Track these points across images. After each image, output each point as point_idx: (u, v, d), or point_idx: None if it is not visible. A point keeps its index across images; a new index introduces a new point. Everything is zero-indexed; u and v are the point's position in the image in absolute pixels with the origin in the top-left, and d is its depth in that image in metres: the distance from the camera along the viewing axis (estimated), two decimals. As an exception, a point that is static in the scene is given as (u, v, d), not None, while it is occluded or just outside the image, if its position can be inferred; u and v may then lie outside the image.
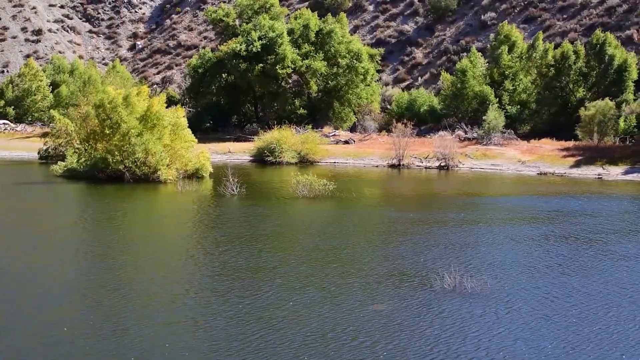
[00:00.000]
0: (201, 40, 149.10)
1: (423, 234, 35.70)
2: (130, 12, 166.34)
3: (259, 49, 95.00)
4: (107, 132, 56.35)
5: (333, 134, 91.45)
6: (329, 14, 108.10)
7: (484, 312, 22.66)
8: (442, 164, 73.11)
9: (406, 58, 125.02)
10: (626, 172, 65.89)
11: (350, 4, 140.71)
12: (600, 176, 65.20)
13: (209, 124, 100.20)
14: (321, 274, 27.12)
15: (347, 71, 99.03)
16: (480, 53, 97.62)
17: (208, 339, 20.11)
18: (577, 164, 69.91)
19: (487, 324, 21.56)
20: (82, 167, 58.28)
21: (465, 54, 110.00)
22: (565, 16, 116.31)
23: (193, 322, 21.56)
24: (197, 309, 22.81)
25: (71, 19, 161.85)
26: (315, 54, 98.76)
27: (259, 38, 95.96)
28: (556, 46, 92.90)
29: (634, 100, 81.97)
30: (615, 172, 66.11)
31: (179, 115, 59.38)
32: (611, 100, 78.79)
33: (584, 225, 39.08)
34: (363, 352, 19.27)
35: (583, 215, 42.76)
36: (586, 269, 28.45)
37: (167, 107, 60.42)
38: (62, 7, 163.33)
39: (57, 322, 21.29)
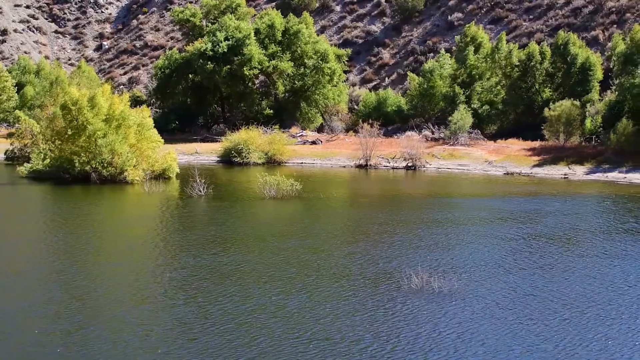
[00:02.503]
0: (168, 41, 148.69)
1: (391, 234, 35.71)
2: (97, 13, 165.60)
3: (225, 50, 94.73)
4: (72, 132, 55.87)
5: (300, 134, 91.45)
6: (291, 13, 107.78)
7: (450, 311, 22.71)
8: (409, 165, 73.22)
9: (373, 58, 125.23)
10: (591, 172, 66.26)
11: (317, 5, 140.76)
12: (566, 176, 65.53)
13: (176, 124, 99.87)
14: (289, 274, 27.09)
15: (314, 72, 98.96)
16: (447, 54, 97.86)
17: (175, 343, 20.02)
18: (543, 164, 70.24)
19: (452, 323, 21.61)
20: (47, 168, 57.90)
21: (432, 54, 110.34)
22: (531, 17, 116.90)
23: (161, 326, 21.46)
24: (164, 312, 22.71)
25: (37, 19, 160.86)
26: (282, 54, 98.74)
27: (226, 39, 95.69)
28: (523, 47, 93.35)
29: (600, 100, 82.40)
30: (581, 172, 66.48)
31: (145, 115, 59.14)
32: (577, 100, 79.24)
33: (550, 224, 39.24)
34: (326, 350, 19.26)
35: (549, 214, 42.92)
36: (553, 268, 28.58)
37: (133, 108, 60.25)
38: (27, 7, 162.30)
39: (23, 328, 21.14)
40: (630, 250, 32.29)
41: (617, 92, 76.19)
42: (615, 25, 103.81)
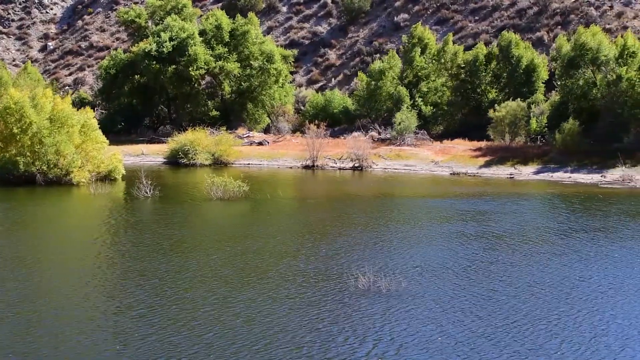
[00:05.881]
0: (114, 42, 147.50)
1: (338, 234, 35.74)
2: (42, 13, 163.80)
3: (171, 50, 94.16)
4: (16, 131, 55.01)
5: (247, 135, 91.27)
6: (238, 14, 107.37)
7: (397, 311, 22.73)
8: (356, 165, 73.36)
9: (320, 59, 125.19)
10: (537, 172, 66.88)
11: (263, 5, 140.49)
12: (512, 176, 66.06)
13: (122, 125, 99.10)
14: (237, 276, 27.00)
15: (260, 72, 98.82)
16: (394, 51, 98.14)
17: (122, 348, 19.87)
18: (489, 164, 70.77)
19: (400, 323, 21.63)
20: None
21: (378, 55, 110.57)
22: (477, 18, 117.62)
23: (107, 334, 21.27)
24: (109, 317, 22.52)
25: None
26: (229, 55, 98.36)
27: (170, 39, 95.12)
28: (469, 48, 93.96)
29: (545, 100, 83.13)
30: (526, 172, 67.07)
31: (89, 116, 58.63)
32: (522, 101, 79.92)
33: (497, 224, 39.49)
34: (273, 352, 19.21)
35: (496, 214, 43.20)
36: (501, 268, 28.74)
37: (78, 109, 59.67)
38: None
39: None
40: (577, 248, 32.59)
41: (560, 94, 77.07)
42: (560, 27, 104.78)
